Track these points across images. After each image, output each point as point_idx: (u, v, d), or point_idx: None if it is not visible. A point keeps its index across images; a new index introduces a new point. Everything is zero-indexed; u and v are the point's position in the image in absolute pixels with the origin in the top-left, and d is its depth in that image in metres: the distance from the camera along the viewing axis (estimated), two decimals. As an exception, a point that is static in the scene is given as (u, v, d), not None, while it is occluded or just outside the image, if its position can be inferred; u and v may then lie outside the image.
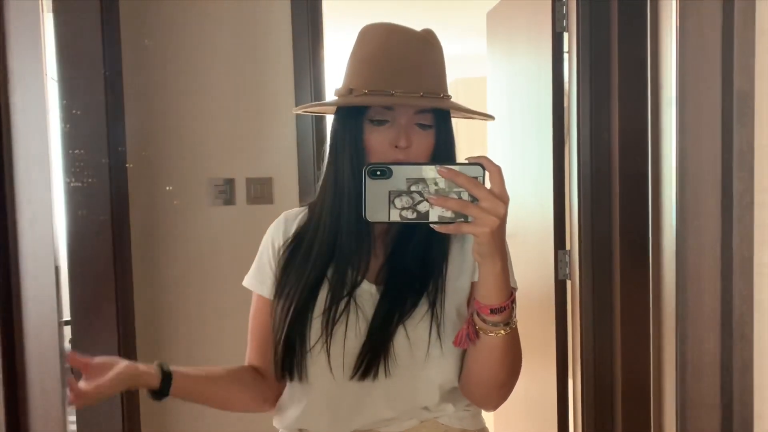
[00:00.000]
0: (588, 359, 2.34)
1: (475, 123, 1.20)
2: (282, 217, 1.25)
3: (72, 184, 1.64)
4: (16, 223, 1.57)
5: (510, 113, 2.93)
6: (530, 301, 2.66)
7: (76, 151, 1.63)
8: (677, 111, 0.83)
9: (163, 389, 1.08)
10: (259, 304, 1.22)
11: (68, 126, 1.61)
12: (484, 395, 1.11)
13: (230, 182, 2.37)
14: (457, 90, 5.27)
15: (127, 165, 1.95)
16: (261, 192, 2.37)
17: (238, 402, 1.21)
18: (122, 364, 1.05)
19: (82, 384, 1.01)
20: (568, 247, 2.46)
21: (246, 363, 1.25)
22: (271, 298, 1.19)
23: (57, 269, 1.56)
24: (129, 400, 1.93)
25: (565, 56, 2.43)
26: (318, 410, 1.13)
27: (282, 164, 2.39)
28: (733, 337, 0.83)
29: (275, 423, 1.23)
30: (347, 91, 1.10)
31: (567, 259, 2.45)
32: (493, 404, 1.12)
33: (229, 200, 2.37)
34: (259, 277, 1.22)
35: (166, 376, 1.08)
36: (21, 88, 1.55)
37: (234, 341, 2.30)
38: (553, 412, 2.53)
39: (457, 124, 1.23)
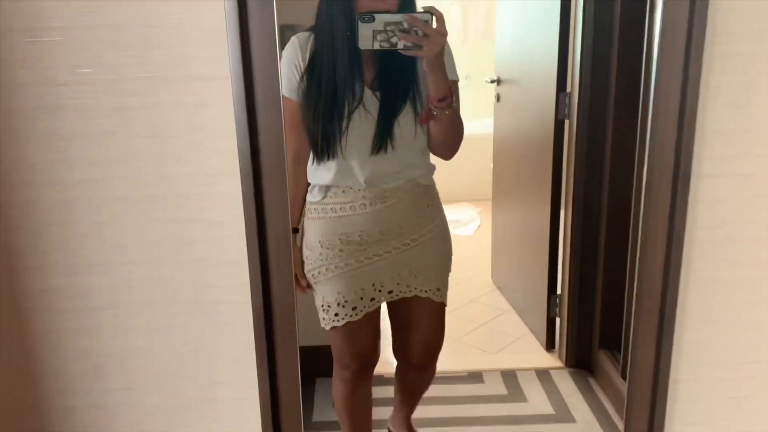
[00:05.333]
0: (579, 190, 2.55)
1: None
2: (295, 39, 1.64)
3: None
4: None
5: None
6: (532, 139, 2.81)
7: None
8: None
9: None
10: (291, 107, 1.63)
11: None
12: (443, 152, 1.72)
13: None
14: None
15: None
16: None
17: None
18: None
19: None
20: (569, 90, 2.58)
21: (290, 151, 1.64)
22: (299, 100, 1.63)
23: None
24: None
25: None
26: (345, 173, 1.66)
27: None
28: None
29: (310, 180, 1.72)
30: None
31: (567, 101, 2.58)
32: (450, 156, 1.72)
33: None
34: (290, 86, 1.63)
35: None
36: None
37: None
38: (545, 237, 2.76)
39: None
